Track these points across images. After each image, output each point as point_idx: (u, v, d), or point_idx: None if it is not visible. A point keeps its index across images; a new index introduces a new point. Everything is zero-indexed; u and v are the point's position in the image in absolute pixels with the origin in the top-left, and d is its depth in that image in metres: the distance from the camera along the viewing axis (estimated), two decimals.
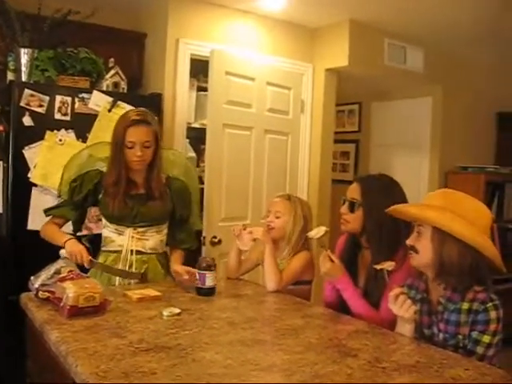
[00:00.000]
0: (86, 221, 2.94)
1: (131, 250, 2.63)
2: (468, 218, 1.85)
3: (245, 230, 2.66)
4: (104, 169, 2.65)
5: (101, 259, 2.65)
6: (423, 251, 1.93)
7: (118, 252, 2.64)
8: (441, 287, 1.93)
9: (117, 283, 2.60)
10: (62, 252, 2.47)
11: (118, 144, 2.56)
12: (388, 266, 2.05)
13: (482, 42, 4.82)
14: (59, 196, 2.72)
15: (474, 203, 1.93)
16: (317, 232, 2.37)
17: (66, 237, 2.55)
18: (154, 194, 2.65)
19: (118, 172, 2.59)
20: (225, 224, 3.78)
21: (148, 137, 2.56)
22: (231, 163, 3.97)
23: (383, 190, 2.33)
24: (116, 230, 2.65)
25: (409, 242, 1.99)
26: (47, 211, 2.70)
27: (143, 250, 2.66)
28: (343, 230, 2.42)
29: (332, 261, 2.26)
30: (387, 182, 2.39)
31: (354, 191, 2.38)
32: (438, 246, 1.88)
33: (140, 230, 2.65)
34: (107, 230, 2.69)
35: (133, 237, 2.64)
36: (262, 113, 4.22)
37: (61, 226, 2.68)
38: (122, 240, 2.64)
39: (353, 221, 2.36)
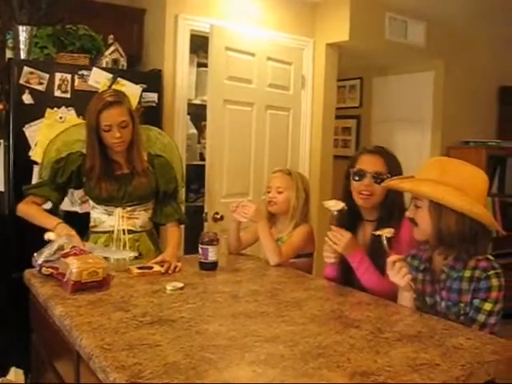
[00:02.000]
0: (70, 204, 2.91)
1: (123, 230, 2.64)
2: (463, 186, 1.86)
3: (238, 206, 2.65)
4: (84, 150, 2.63)
5: (91, 240, 2.64)
6: (422, 223, 1.95)
7: (110, 232, 2.65)
8: (442, 257, 1.94)
9: (111, 260, 2.57)
10: (50, 235, 2.37)
11: (93, 128, 2.54)
12: (387, 232, 2.05)
13: (484, 16, 4.77)
14: (40, 179, 2.70)
15: (469, 170, 1.93)
16: (335, 204, 2.31)
17: (55, 220, 2.49)
18: (138, 172, 2.65)
19: (94, 157, 2.57)
20: (226, 200, 3.78)
21: (123, 116, 2.55)
22: (232, 139, 3.96)
23: (397, 161, 2.37)
24: (105, 210, 2.66)
25: (408, 214, 2.01)
26: (28, 190, 2.66)
27: (134, 229, 2.68)
28: (364, 205, 2.35)
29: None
30: (393, 153, 2.41)
31: (376, 163, 2.33)
32: (435, 218, 1.89)
33: (129, 209, 2.66)
34: (96, 212, 2.69)
35: (123, 216, 2.65)
36: (263, 88, 4.20)
37: (40, 205, 2.64)
38: (112, 220, 2.65)
39: (378, 193, 2.31)
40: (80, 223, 2.70)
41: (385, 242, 2.04)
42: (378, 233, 2.08)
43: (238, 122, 4.01)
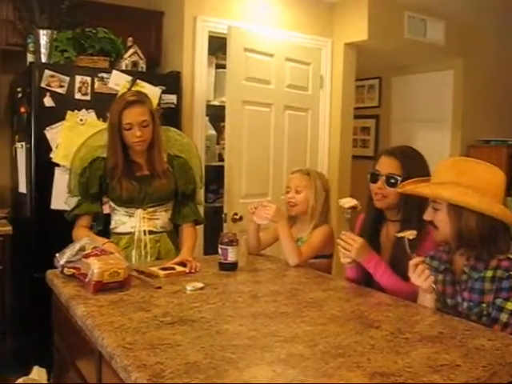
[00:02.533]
0: None
1: (144, 231, 2.66)
2: (481, 186, 1.85)
3: (257, 207, 2.64)
4: (105, 155, 2.66)
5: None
6: (441, 226, 1.94)
7: (131, 234, 2.66)
8: (464, 258, 1.93)
9: (133, 261, 2.62)
10: None
11: (115, 127, 2.57)
12: (409, 234, 2.03)
13: (504, 14, 4.73)
14: (69, 192, 2.71)
15: (485, 169, 1.92)
16: (348, 201, 2.33)
17: (102, 240, 2.51)
18: (158, 173, 2.66)
19: (116, 155, 2.60)
20: (246, 201, 3.78)
21: (144, 116, 2.57)
22: (251, 140, 3.97)
23: (417, 161, 2.32)
24: (126, 212, 2.67)
25: (426, 217, 1.99)
26: (70, 214, 2.66)
27: (155, 230, 2.69)
28: (379, 206, 2.35)
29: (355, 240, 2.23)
30: (416, 154, 2.36)
31: (391, 165, 2.31)
32: (455, 220, 1.88)
33: (150, 210, 2.68)
34: (117, 213, 2.70)
35: (144, 217, 2.67)
36: (281, 89, 4.21)
37: (89, 226, 2.67)
38: (133, 221, 2.67)
39: (392, 195, 2.29)
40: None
41: (407, 244, 2.03)
42: (400, 235, 2.07)
43: (257, 122, 4.02)
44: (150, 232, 2.68)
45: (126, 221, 2.68)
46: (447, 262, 2.01)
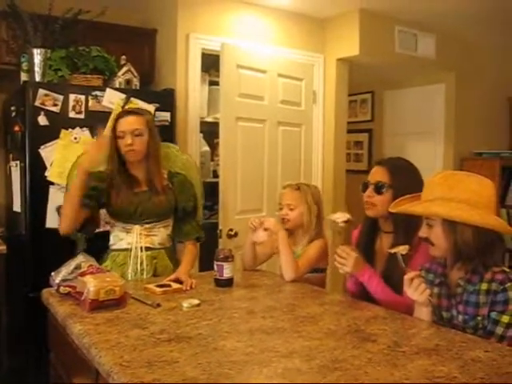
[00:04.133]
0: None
1: (141, 247, 2.66)
2: (472, 199, 1.87)
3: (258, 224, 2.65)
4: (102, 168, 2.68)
5: (110, 259, 2.66)
6: (437, 242, 1.95)
7: (127, 250, 2.66)
8: (462, 271, 1.94)
9: (129, 277, 2.62)
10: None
11: (112, 137, 2.62)
12: (402, 249, 2.04)
13: (493, 27, 4.78)
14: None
15: (475, 181, 1.93)
16: (341, 216, 2.35)
17: None
18: (157, 189, 2.67)
19: (113, 163, 2.64)
20: (241, 217, 3.80)
21: (138, 125, 2.60)
22: (245, 156, 3.98)
23: (409, 171, 2.36)
24: (124, 228, 2.68)
25: (421, 234, 2.00)
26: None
27: (152, 246, 2.69)
28: (369, 214, 2.37)
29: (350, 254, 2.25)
30: (409, 164, 2.40)
31: (379, 174, 2.34)
32: (450, 235, 1.89)
33: (147, 226, 2.68)
34: (115, 230, 2.71)
35: (141, 234, 2.66)
36: (275, 105, 4.23)
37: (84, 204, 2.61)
38: (130, 238, 2.67)
39: (381, 203, 2.30)
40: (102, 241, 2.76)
41: (400, 259, 2.04)
42: (393, 250, 2.08)
43: (251, 138, 4.04)
44: (147, 248, 2.67)
45: (123, 237, 2.68)
46: (442, 276, 2.02)
